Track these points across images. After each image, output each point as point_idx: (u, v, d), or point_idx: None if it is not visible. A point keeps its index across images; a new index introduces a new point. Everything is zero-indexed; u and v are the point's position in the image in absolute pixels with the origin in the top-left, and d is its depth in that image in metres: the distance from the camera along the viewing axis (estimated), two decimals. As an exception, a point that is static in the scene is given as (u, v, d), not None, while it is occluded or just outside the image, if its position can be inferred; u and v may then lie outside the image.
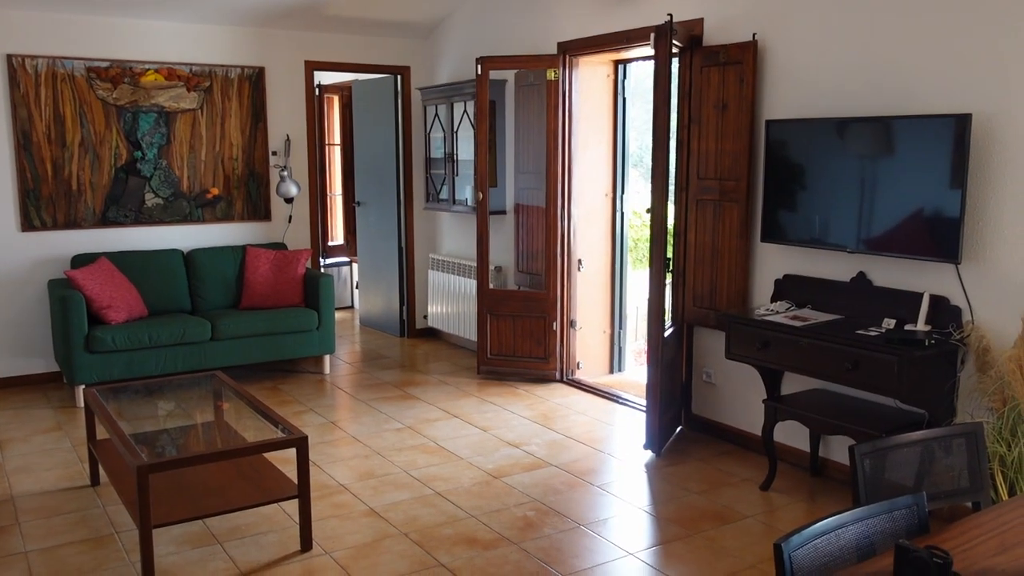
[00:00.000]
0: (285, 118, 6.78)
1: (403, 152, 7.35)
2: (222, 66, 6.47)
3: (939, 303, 3.78)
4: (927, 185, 3.73)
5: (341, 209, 9.19)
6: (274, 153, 6.75)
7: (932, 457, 2.56)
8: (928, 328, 3.72)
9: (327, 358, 6.41)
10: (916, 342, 3.59)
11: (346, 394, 5.92)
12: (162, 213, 6.38)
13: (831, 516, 1.92)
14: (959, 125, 3.57)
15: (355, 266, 8.71)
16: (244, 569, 3.42)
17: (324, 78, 8.58)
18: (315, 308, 6.23)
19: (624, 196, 6.18)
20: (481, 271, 6.17)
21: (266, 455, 3.89)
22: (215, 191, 6.55)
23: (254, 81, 6.60)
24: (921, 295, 3.78)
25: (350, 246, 8.99)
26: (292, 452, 3.54)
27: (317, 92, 8.44)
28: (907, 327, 3.78)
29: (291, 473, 3.65)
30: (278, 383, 6.14)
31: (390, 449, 4.78)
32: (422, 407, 5.56)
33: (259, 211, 6.74)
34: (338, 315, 8.39)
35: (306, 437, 3.51)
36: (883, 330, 3.79)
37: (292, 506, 3.75)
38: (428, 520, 3.86)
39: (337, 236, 9.19)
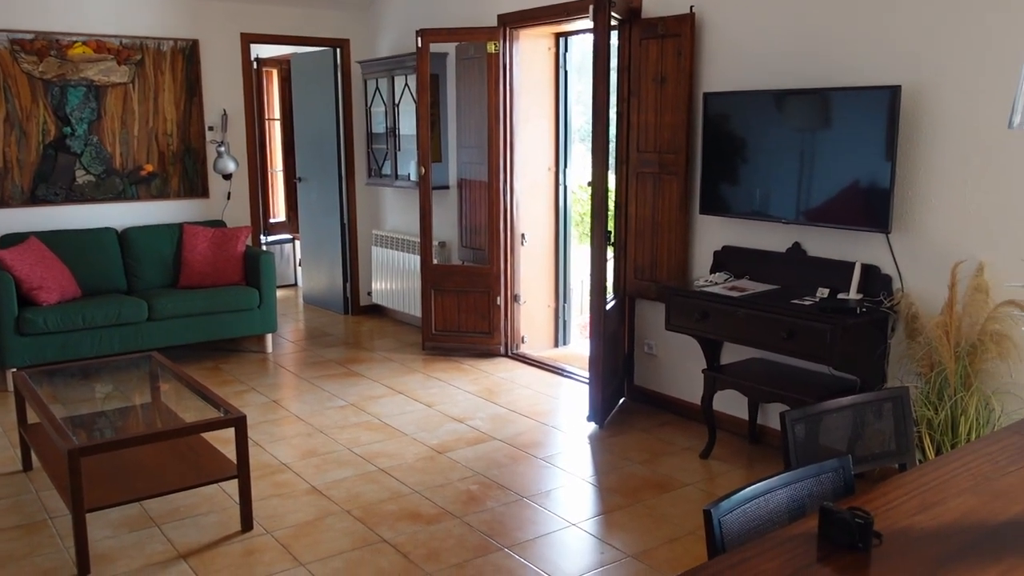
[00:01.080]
0: (221, 92, 6.62)
1: (344, 127, 7.25)
2: (154, 39, 6.28)
3: (871, 272, 3.87)
4: (860, 156, 3.79)
5: (282, 185, 9.04)
6: (210, 128, 6.60)
7: (864, 422, 2.62)
8: (860, 297, 3.81)
9: (269, 337, 6.33)
10: (848, 310, 3.67)
11: (289, 372, 5.86)
12: (94, 191, 6.20)
13: (760, 481, 1.95)
14: (889, 97, 3.63)
15: (297, 243, 8.59)
16: (183, 551, 3.37)
17: (262, 51, 8.41)
18: (256, 286, 6.14)
19: (567, 170, 6.18)
20: (425, 247, 6.13)
21: (206, 436, 3.84)
22: (149, 168, 6.39)
23: (188, 54, 6.43)
24: (853, 264, 3.86)
25: (292, 223, 8.86)
26: (232, 432, 3.49)
27: (255, 66, 8.29)
28: (840, 296, 3.86)
29: (231, 453, 3.60)
30: (219, 363, 6.04)
31: (333, 427, 4.75)
32: (366, 384, 5.53)
33: (196, 188, 6.59)
34: (280, 293, 8.28)
35: (244, 416, 3.46)
36: (817, 299, 3.86)
37: (233, 486, 3.71)
38: (371, 497, 3.85)
39: (279, 213, 9.05)
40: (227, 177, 6.64)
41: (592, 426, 4.73)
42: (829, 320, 3.62)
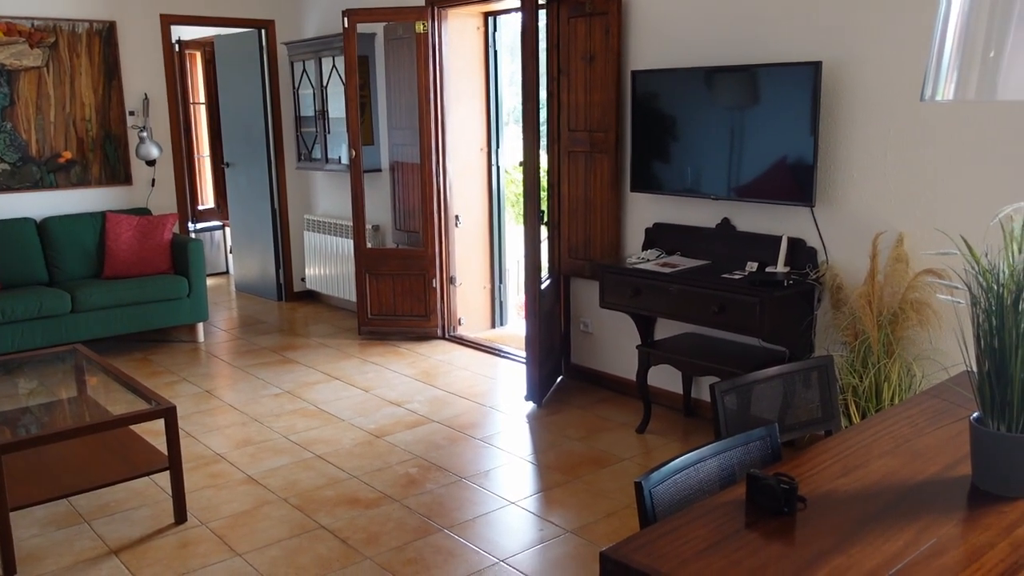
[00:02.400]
0: (142, 76, 6.42)
1: (272, 110, 7.10)
2: (68, 20, 6.05)
3: (797, 245, 3.96)
4: (786, 132, 3.86)
5: (210, 171, 8.83)
6: (131, 113, 6.40)
7: (793, 391, 2.69)
8: (787, 270, 3.89)
9: (200, 326, 6.20)
10: (776, 283, 3.75)
11: (222, 361, 5.75)
12: (9, 179, 5.96)
13: (689, 452, 1.99)
14: (811, 73, 3.70)
15: (227, 230, 8.41)
16: (114, 546, 3.29)
17: (184, 33, 8.18)
18: (184, 275, 5.99)
19: (500, 151, 6.17)
20: (358, 230, 6.06)
21: (136, 429, 3.74)
22: (68, 155, 6.17)
23: (105, 37, 6.21)
24: (780, 238, 3.94)
25: (221, 209, 8.67)
26: (162, 424, 3.41)
27: (177, 48, 8.06)
28: (768, 269, 3.94)
29: (162, 445, 3.52)
30: (148, 354, 5.90)
31: (268, 415, 4.68)
32: (302, 371, 5.46)
33: (118, 175, 6.40)
34: (212, 281, 8.11)
35: (174, 407, 3.39)
36: (746, 273, 3.94)
37: (165, 479, 3.62)
38: (308, 484, 3.81)
39: (207, 200, 8.84)
40: (151, 163, 6.45)
41: (530, 405, 4.75)
42: (758, 293, 3.69)
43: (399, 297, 6.06)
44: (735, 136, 4.07)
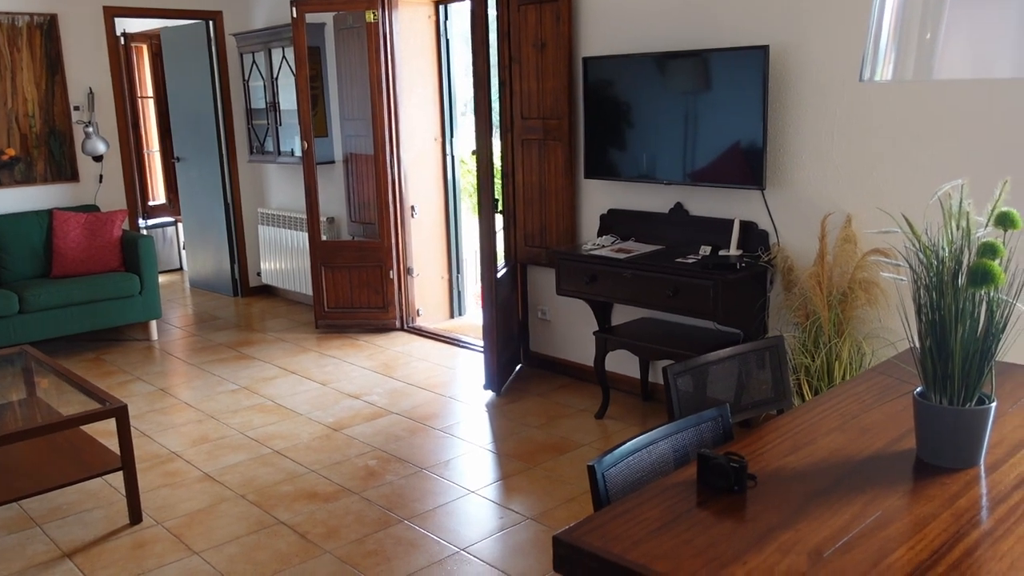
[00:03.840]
0: (86, 70, 6.28)
1: (222, 103, 6.99)
2: (6, 13, 5.89)
3: (749, 228, 4.00)
4: (737, 116, 3.89)
5: (160, 166, 8.68)
6: (76, 108, 6.25)
7: (748, 372, 2.72)
8: (739, 252, 3.93)
9: (154, 323, 6.10)
10: (729, 266, 3.78)
11: (176, 359, 5.66)
12: (-50, 178, 5.80)
13: (642, 434, 2.00)
14: (759, 57, 3.73)
15: (180, 226, 8.28)
16: (68, 549, 3.23)
17: (129, 25, 8.02)
18: (136, 272, 5.89)
19: (454, 140, 6.14)
20: (312, 223, 6.00)
21: (88, 429, 3.68)
22: (11, 152, 6.02)
23: (46, 30, 6.06)
24: (732, 222, 3.98)
25: (173, 205, 8.53)
26: (115, 424, 3.35)
27: (122, 41, 7.89)
28: (721, 253, 3.98)
29: (115, 446, 3.46)
30: (101, 353, 5.79)
31: (225, 411, 4.62)
32: (258, 366, 5.40)
33: (64, 171, 6.26)
34: (165, 278, 8.00)
35: (125, 406, 3.33)
36: (699, 257, 3.97)
37: (119, 479, 3.56)
38: (266, 479, 3.77)
39: (158, 195, 8.70)
40: (98, 159, 6.32)
41: (489, 394, 4.76)
42: (711, 276, 3.72)
43: (356, 289, 6.02)
44: (687, 121, 4.10)
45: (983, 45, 1.62)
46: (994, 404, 1.80)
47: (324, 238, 6.14)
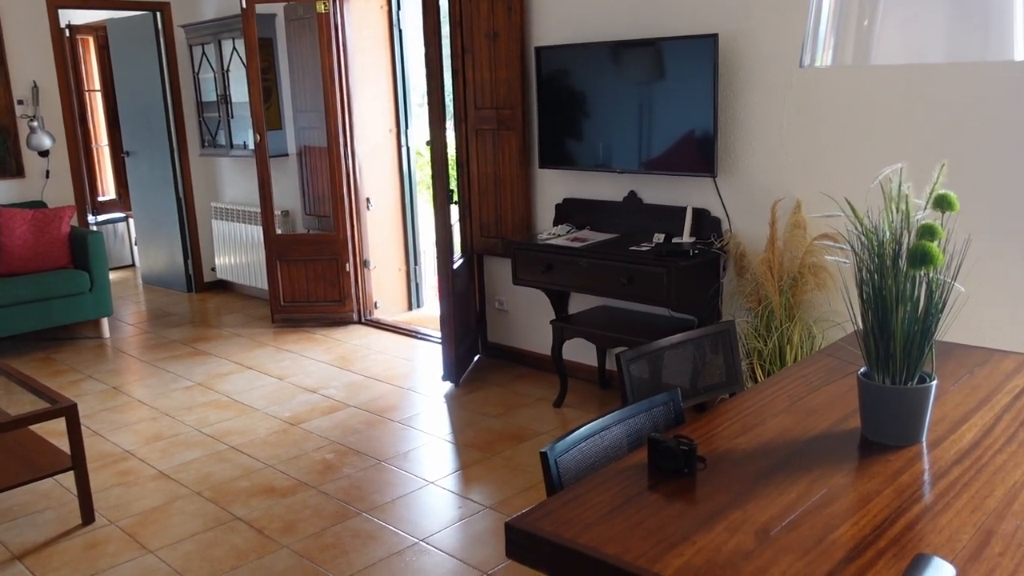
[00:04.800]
0: (29, 63, 6.13)
1: (171, 96, 6.87)
2: (-55, 5, 5.73)
3: (701, 216, 4.04)
4: (688, 104, 3.92)
5: (109, 161, 8.51)
6: (20, 102, 6.10)
7: (703, 357, 2.76)
8: (693, 240, 3.97)
9: (105, 321, 5.99)
10: (682, 253, 3.82)
11: (129, 357, 5.57)
12: None
13: (594, 420, 2.02)
14: (710, 45, 3.76)
15: (131, 221, 8.13)
16: (18, 552, 3.17)
17: (74, 17, 7.84)
18: (85, 268, 5.78)
19: (409, 131, 6.11)
20: (266, 217, 5.94)
21: (38, 429, 3.60)
22: (-48, 148, 5.86)
23: (-13, 22, 5.90)
24: (685, 209, 4.02)
25: (124, 200, 8.37)
26: (64, 423, 3.29)
27: (67, 33, 7.73)
28: (674, 240, 4.02)
29: (66, 445, 3.39)
30: (51, 352, 5.68)
31: (179, 409, 4.56)
32: (214, 362, 5.33)
33: (9, 167, 6.11)
34: (117, 275, 7.87)
35: (74, 404, 3.27)
36: (653, 245, 4.00)
37: (70, 479, 3.50)
38: (222, 476, 3.73)
39: (108, 190, 8.53)
40: (43, 154, 6.18)
41: (448, 385, 4.75)
42: (665, 264, 3.76)
43: (312, 283, 5.97)
44: (640, 110, 4.12)
45: (917, 31, 1.66)
46: (935, 383, 1.84)
47: (279, 232, 6.07)
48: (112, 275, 7.73)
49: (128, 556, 3.10)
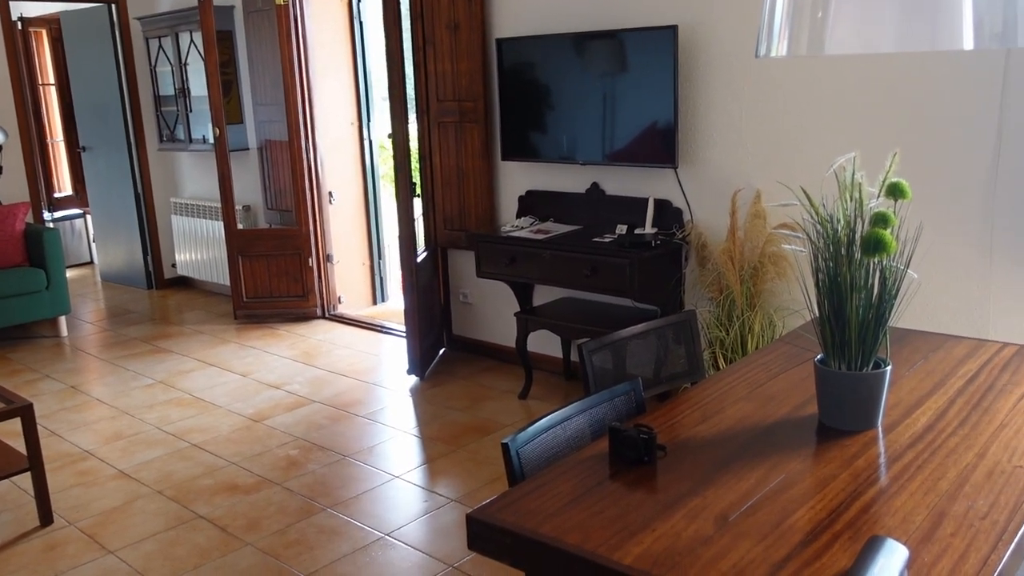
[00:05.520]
0: (-20, 56, 5.99)
1: (128, 90, 6.75)
2: None
3: (663, 206, 4.06)
4: (649, 96, 3.94)
5: (65, 156, 8.35)
6: (-29, 97, 5.97)
7: (666, 347, 2.78)
8: (655, 231, 4.00)
9: (63, 319, 5.88)
10: (644, 244, 3.84)
11: (88, 355, 5.48)
12: None
13: (556, 411, 2.02)
14: (669, 37, 3.78)
15: (89, 218, 7.99)
16: (-26, 556, 3.11)
17: (26, 9, 7.67)
18: (41, 266, 5.67)
19: (371, 124, 6.07)
20: (227, 212, 5.87)
21: (-9, 431, 3.54)
22: (-99, 144, 5.71)
23: (-66, 14, 5.75)
24: (647, 200, 4.04)
25: (81, 196, 8.22)
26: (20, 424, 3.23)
27: (19, 26, 7.56)
28: (637, 231, 4.04)
29: (22, 446, 3.33)
30: (7, 352, 5.57)
31: (140, 407, 4.50)
32: (175, 359, 5.27)
33: (-40, 163, 5.97)
34: (75, 272, 7.74)
35: (30, 404, 3.21)
36: (616, 236, 4.02)
37: (27, 480, 3.43)
38: (184, 474, 3.69)
39: (64, 187, 8.37)
40: (-4, 150, 6.05)
41: (413, 379, 4.74)
42: (627, 255, 3.78)
43: (275, 278, 5.92)
44: (602, 101, 4.13)
45: (869, 22, 1.68)
46: (889, 368, 1.87)
47: (240, 227, 6.01)
48: (70, 273, 7.61)
49: (88, 557, 3.06)
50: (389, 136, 4.55)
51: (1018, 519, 1.51)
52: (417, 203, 4.84)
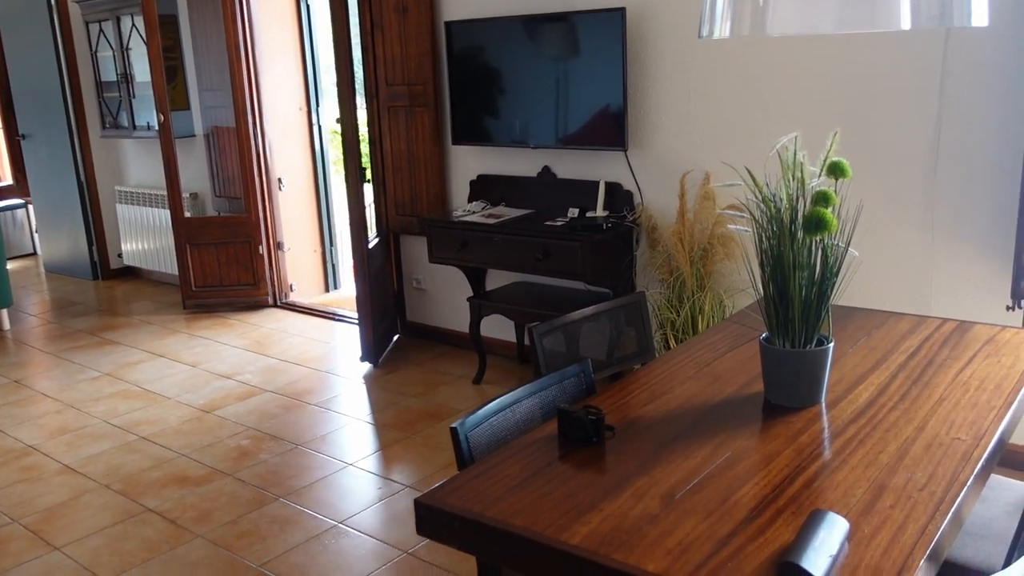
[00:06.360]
0: (-90, 41, 5.78)
1: (69, 76, 6.57)
2: None
3: (614, 189, 4.07)
4: (599, 78, 3.93)
5: (4, 145, 8.11)
6: (-99, 83, 5.76)
7: (619, 328, 2.79)
8: (606, 213, 4.01)
9: (4, 312, 5.73)
10: (595, 227, 3.85)
11: (32, 348, 5.35)
12: None
13: (505, 394, 2.02)
14: (618, 19, 3.78)
15: (31, 208, 7.78)
16: (-88, 556, 3.02)
17: (-41, -7, 7.40)
18: (-20, 258, 5.51)
19: (320, 109, 5.99)
20: (174, 200, 5.75)
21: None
22: None
23: None
24: (598, 183, 4.04)
25: (22, 185, 7.99)
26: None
27: (-48, 10, 7.30)
28: (588, 214, 4.05)
29: (-40, 442, 3.25)
30: (-54, 347, 5.41)
31: (86, 400, 4.40)
32: (123, 351, 5.16)
33: None
34: (18, 264, 7.54)
35: (-31, 400, 3.12)
36: (567, 219, 4.02)
37: (-32, 478, 3.36)
38: (133, 467, 3.62)
39: (3, 176, 8.13)
40: (-70, 138, 5.85)
41: (367, 366, 4.71)
42: (578, 238, 3.78)
43: (224, 267, 5.82)
44: (552, 84, 4.12)
45: (810, 3, 1.70)
46: (831, 345, 1.90)
47: (188, 215, 5.90)
48: (11, 264, 7.43)
49: (33, 554, 2.99)
50: (338, 121, 4.49)
51: (955, 489, 1.54)
52: (368, 189, 4.80)
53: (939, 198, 3.24)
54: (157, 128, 5.74)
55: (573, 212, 4.10)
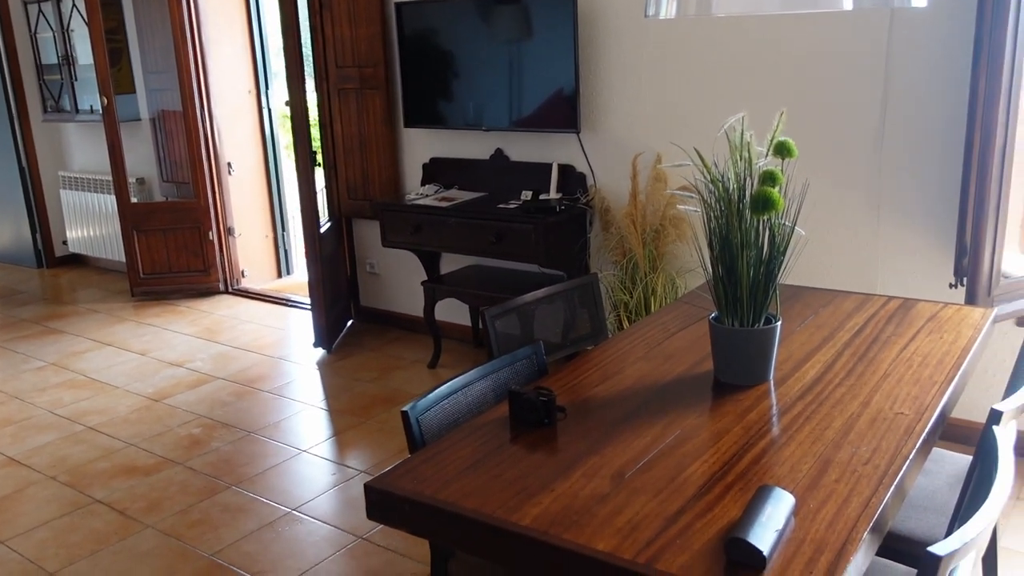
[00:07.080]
0: None
1: (7, 58, 6.37)
2: None
3: (567, 172, 4.07)
4: (551, 60, 3.92)
5: (-59, 129, 7.84)
6: None
7: (572, 310, 2.79)
8: (559, 196, 4.00)
9: (-56, 302, 5.57)
10: (549, 210, 3.85)
11: (-27, 339, 5.21)
12: None
13: (456, 377, 2.01)
14: (569, 1, 3.76)
15: (-30, 194, 7.54)
16: None
17: None
18: (-83, 246, 5.33)
19: (270, 92, 5.89)
20: (119, 185, 5.62)
21: None
22: None
23: None
24: (551, 166, 4.04)
25: (-40, 172, 7.74)
26: None
27: None
28: (542, 197, 4.04)
29: None
30: None
31: (30, 390, 4.30)
32: (68, 340, 5.04)
33: None
34: (-43, 253, 7.30)
35: (-95, 392, 3.03)
36: (521, 202, 4.01)
37: (-94, 473, 3.26)
38: (79, 458, 3.55)
39: (-59, 161, 7.87)
40: None
41: (320, 352, 4.66)
42: (532, 221, 3.78)
43: (173, 253, 5.71)
44: (504, 67, 4.09)
45: (754, -19, 1.71)
46: (779, 323, 1.92)
47: (134, 200, 5.77)
48: (-49, 253, 7.20)
49: (-25, 549, 2.92)
50: (287, 103, 4.41)
51: (898, 463, 1.57)
52: (320, 172, 4.73)
53: (884, 178, 3.30)
54: (101, 112, 5.60)
55: (526, 195, 4.09)
